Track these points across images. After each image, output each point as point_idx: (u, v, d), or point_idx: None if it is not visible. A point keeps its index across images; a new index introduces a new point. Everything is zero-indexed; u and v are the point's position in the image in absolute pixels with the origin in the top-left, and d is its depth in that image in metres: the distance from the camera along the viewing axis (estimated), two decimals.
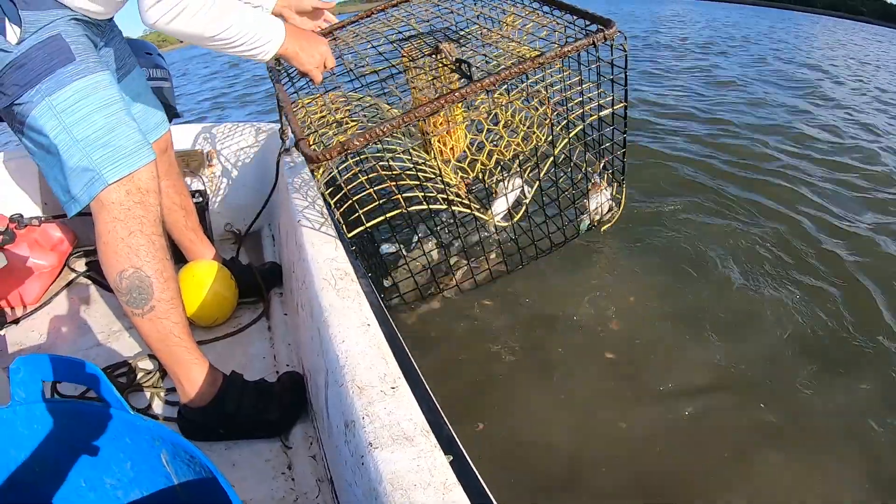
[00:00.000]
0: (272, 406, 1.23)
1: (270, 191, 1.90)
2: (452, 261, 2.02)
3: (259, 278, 1.67)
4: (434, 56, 1.63)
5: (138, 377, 1.43)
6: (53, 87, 1.06)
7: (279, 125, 1.77)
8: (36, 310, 1.78)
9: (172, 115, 2.10)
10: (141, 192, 1.13)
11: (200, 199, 1.88)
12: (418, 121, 1.36)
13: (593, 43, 1.40)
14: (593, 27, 1.46)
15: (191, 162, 1.94)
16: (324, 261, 1.06)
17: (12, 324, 1.69)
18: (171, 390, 1.38)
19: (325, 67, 1.41)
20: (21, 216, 1.79)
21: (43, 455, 0.87)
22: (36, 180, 1.99)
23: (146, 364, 1.46)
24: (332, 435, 0.84)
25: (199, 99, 7.91)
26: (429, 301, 2.00)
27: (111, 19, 1.30)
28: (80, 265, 1.94)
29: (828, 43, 14.42)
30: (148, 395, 1.40)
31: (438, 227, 1.95)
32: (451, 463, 0.65)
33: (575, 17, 1.54)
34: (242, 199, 2.06)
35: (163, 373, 1.43)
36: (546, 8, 1.63)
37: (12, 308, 1.75)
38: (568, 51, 1.38)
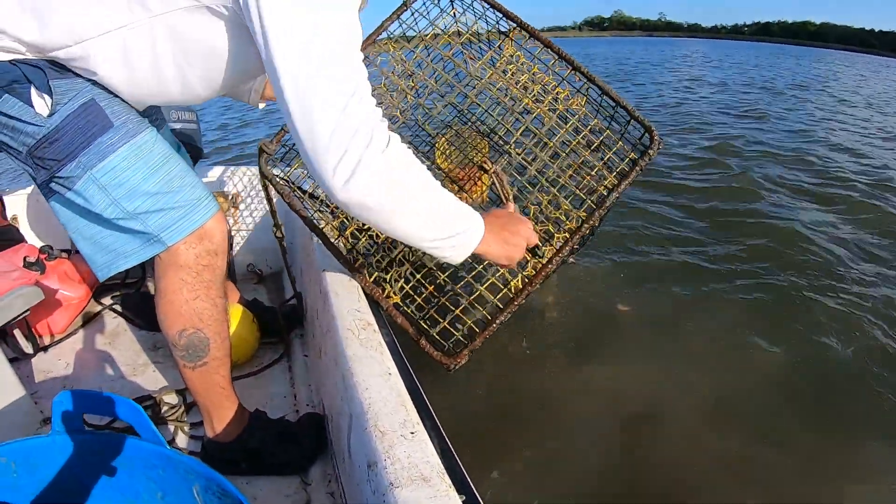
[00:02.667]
0: (293, 444, 1.35)
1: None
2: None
3: (281, 320, 1.81)
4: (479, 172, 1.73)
5: (163, 411, 1.55)
6: (94, 159, 1.04)
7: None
8: (62, 339, 1.92)
9: (199, 155, 2.27)
10: (210, 254, 1.17)
11: None
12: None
13: (641, 168, 1.54)
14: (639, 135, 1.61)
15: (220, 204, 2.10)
16: (347, 311, 1.19)
17: (40, 352, 1.83)
18: (195, 424, 1.51)
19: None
20: (51, 248, 1.96)
21: (78, 483, 0.97)
22: None
23: (171, 398, 1.58)
24: (353, 474, 0.96)
25: (217, 135, 8.19)
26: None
27: None
28: (107, 298, 2.10)
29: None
30: (172, 428, 1.52)
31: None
32: (463, 503, 0.77)
33: (615, 107, 1.64)
34: (264, 242, 2.22)
35: (187, 407, 1.55)
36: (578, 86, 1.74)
37: (40, 336, 1.88)
38: (628, 183, 1.53)
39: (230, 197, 2.08)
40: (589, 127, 1.65)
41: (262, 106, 1.62)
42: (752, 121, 7.20)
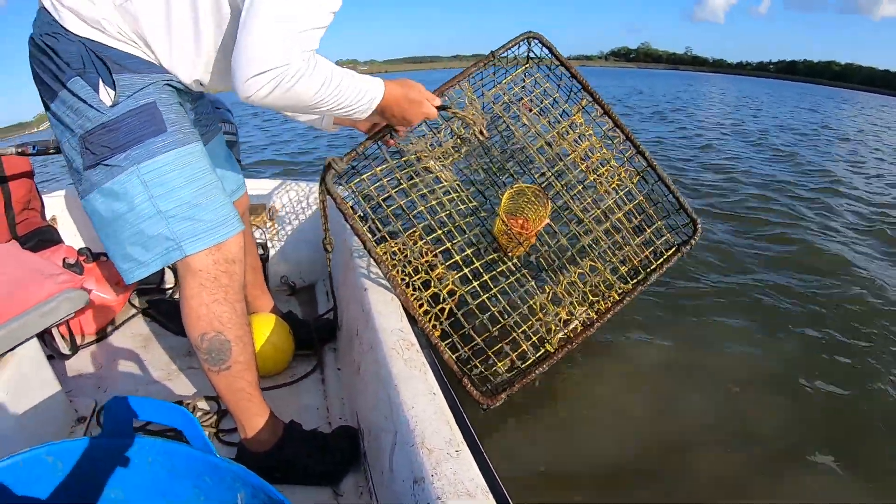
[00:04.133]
0: (327, 456, 1.41)
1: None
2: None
3: (315, 334, 1.89)
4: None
5: (196, 417, 1.63)
6: (143, 155, 1.15)
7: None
8: (97, 340, 2.01)
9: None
10: (227, 261, 1.26)
11: (262, 251, 2.12)
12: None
13: (682, 254, 1.81)
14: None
15: (256, 215, 2.18)
16: (391, 331, 1.26)
17: (76, 352, 1.90)
18: (228, 431, 1.57)
19: (428, 118, 1.50)
20: (89, 250, 2.05)
21: (122, 486, 1.00)
22: None
23: (204, 405, 1.66)
24: (394, 488, 1.03)
25: (259, 148, 8.37)
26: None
27: None
28: (141, 302, 2.18)
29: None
30: (206, 434, 1.59)
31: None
32: None
33: (666, 191, 1.83)
34: (299, 255, 2.31)
35: (220, 415, 1.62)
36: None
37: (74, 336, 1.95)
38: (669, 266, 1.82)
39: (268, 209, 2.17)
40: (635, 202, 1.80)
41: (335, 129, 1.74)
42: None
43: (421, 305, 1.53)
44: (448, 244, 1.65)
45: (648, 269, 1.83)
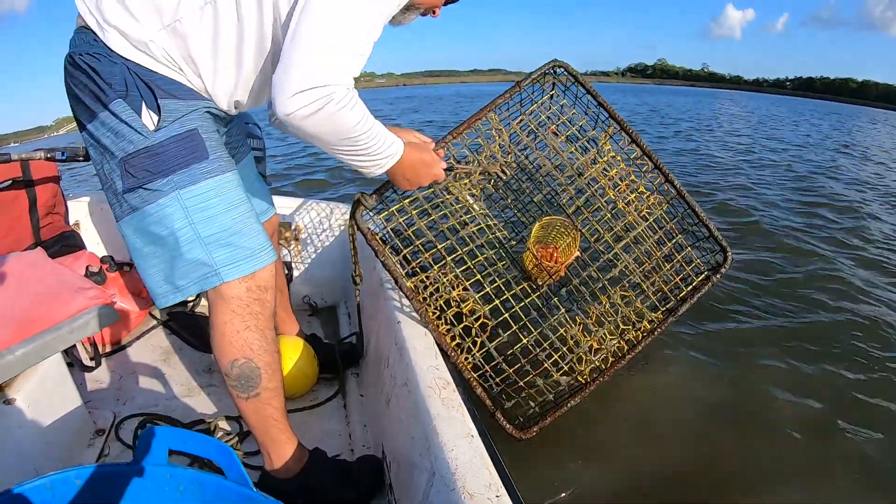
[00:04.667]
0: (351, 485, 1.43)
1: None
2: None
3: (338, 358, 1.90)
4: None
5: (217, 437, 1.63)
6: (186, 181, 1.17)
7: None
8: (116, 351, 2.02)
9: None
10: (260, 289, 1.28)
11: (287, 271, 2.14)
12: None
13: (713, 283, 1.87)
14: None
15: (280, 235, 2.20)
16: (427, 368, 1.28)
17: (98, 363, 1.91)
18: (250, 454, 1.58)
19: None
20: (112, 259, 2.06)
21: None
22: None
23: (225, 425, 1.65)
24: None
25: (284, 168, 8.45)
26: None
27: None
28: (162, 314, 2.20)
29: None
30: (243, 468, 1.60)
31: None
32: None
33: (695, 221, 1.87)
34: (322, 275, 2.34)
35: (242, 436, 1.63)
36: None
37: (97, 346, 1.96)
38: (700, 296, 1.87)
39: (293, 228, 2.19)
40: (665, 229, 1.83)
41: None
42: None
43: (453, 339, 1.56)
44: (479, 276, 1.68)
45: (679, 298, 1.86)
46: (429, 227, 1.68)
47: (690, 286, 1.88)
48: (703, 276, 1.90)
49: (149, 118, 1.15)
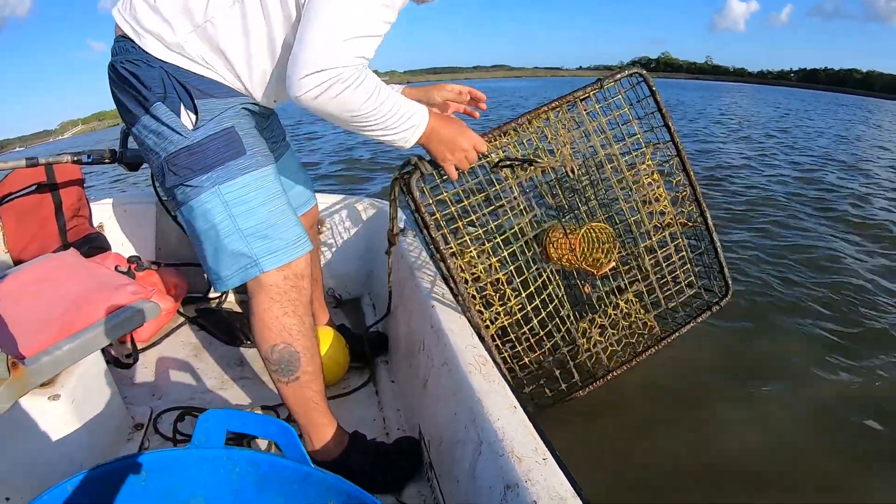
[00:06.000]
0: (391, 466, 1.50)
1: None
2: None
3: (368, 347, 1.98)
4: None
5: None
6: (224, 177, 1.25)
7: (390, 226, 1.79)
8: (148, 348, 2.08)
9: None
10: (297, 276, 1.35)
11: None
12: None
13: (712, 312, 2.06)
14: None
15: (322, 229, 2.29)
16: (465, 347, 1.36)
17: (133, 359, 1.96)
18: None
19: (468, 162, 1.50)
20: (139, 258, 2.13)
21: (206, 496, 1.04)
22: (152, 226, 2.34)
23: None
24: (479, 495, 1.10)
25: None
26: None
27: None
28: (191, 311, 2.27)
29: None
30: (264, 445, 1.66)
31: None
32: None
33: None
34: (347, 268, 2.42)
35: None
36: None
37: (123, 343, 2.01)
38: (698, 323, 2.07)
39: (319, 222, 2.26)
40: (681, 255, 1.99)
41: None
42: None
43: (486, 325, 1.63)
44: (511, 267, 1.73)
45: (679, 321, 2.05)
46: (474, 208, 1.68)
47: (696, 317, 2.06)
48: (706, 309, 2.08)
49: (187, 118, 1.24)
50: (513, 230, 1.73)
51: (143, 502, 1.01)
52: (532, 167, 1.68)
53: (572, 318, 1.86)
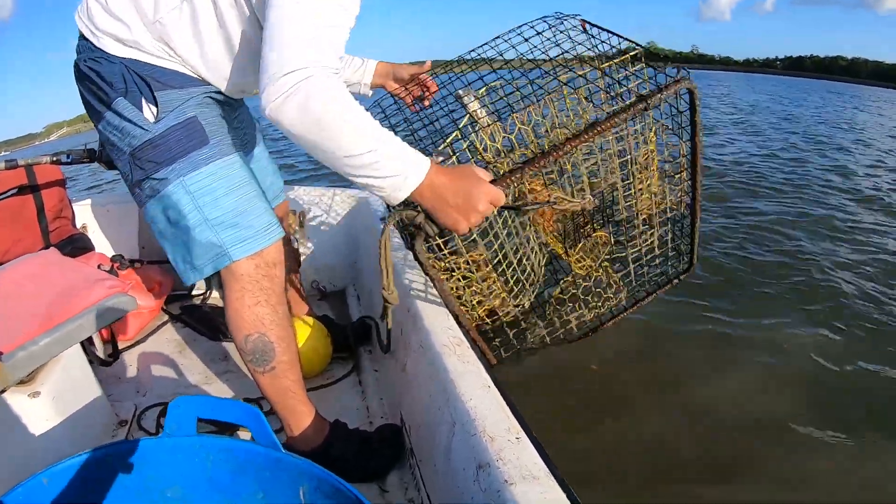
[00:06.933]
0: (373, 454, 1.49)
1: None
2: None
3: (350, 336, 1.98)
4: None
5: None
6: (188, 168, 1.25)
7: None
8: (132, 346, 2.09)
9: None
10: (268, 265, 1.35)
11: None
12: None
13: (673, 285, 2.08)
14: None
15: (290, 222, 2.29)
16: (441, 329, 1.35)
17: (116, 357, 1.96)
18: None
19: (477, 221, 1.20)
20: (122, 257, 2.13)
21: (181, 484, 1.05)
22: (135, 224, 2.33)
23: None
24: (453, 477, 1.11)
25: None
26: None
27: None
28: (175, 308, 2.27)
29: None
30: (248, 436, 1.67)
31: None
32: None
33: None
34: (329, 260, 2.42)
35: None
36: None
37: (106, 342, 2.00)
38: (663, 291, 2.11)
39: (298, 215, 2.26)
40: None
41: (370, 94, 1.84)
42: None
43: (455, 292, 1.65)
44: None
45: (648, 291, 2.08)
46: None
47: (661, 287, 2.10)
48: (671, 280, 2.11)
49: (149, 111, 1.24)
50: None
51: (119, 493, 1.01)
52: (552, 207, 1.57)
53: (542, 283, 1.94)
